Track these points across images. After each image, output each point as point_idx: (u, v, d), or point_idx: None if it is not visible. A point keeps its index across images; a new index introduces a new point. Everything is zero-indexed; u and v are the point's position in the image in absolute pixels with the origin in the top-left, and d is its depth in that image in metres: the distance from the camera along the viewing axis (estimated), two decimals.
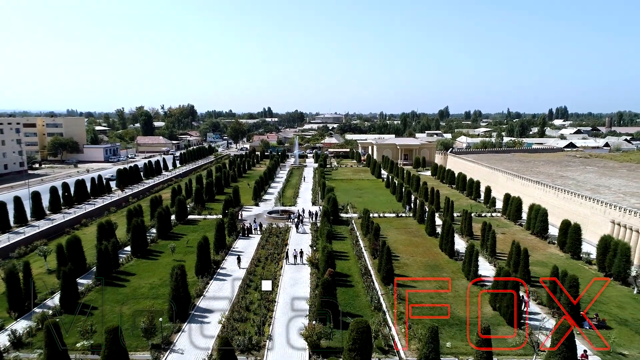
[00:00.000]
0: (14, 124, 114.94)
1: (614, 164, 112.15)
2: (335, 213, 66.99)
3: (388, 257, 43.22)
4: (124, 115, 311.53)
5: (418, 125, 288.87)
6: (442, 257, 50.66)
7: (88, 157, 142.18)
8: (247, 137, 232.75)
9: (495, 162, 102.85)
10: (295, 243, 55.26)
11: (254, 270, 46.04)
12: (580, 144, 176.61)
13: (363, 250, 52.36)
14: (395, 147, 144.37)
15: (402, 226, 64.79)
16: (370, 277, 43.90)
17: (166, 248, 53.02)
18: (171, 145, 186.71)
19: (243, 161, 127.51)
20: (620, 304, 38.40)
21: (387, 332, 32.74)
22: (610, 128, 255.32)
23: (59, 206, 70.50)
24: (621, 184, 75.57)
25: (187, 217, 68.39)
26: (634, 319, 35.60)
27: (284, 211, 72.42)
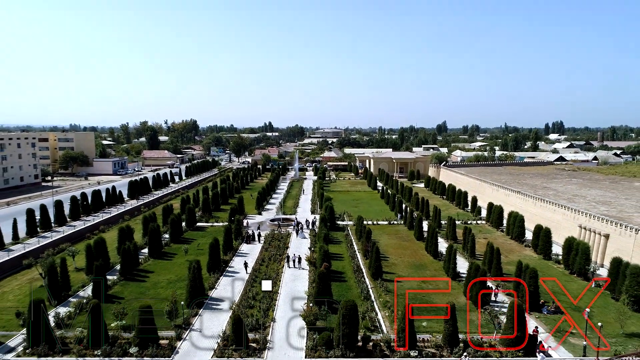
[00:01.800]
0: (30, 139, 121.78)
1: (599, 176, 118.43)
2: (332, 220, 72.92)
3: (377, 256, 49.23)
4: (128, 129, 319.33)
5: (415, 140, 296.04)
6: (427, 258, 56.51)
7: (97, 170, 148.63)
8: (249, 151, 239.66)
9: (486, 175, 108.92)
10: (295, 247, 60.98)
11: (259, 268, 51.90)
12: (570, 157, 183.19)
13: (356, 252, 58.28)
14: (392, 160, 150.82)
15: (393, 232, 70.73)
16: (362, 273, 49.78)
17: (179, 250, 59.00)
18: (176, 159, 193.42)
19: (246, 174, 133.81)
20: (577, 295, 44.08)
21: (373, 315, 38.52)
22: (602, 142, 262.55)
23: (78, 214, 76.48)
24: (598, 194, 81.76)
25: (196, 224, 74.37)
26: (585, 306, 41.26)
27: (284, 219, 78.37)
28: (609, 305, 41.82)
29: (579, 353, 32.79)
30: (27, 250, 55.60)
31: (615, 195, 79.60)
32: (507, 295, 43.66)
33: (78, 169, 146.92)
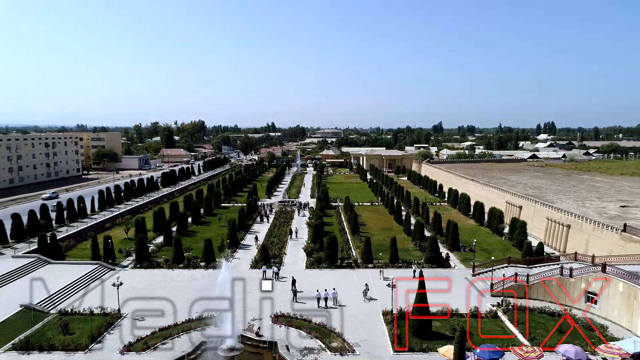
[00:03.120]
0: (73, 138, 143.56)
1: (560, 171, 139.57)
2: (327, 201, 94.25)
3: (356, 221, 70.85)
4: (141, 130, 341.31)
5: (409, 140, 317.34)
6: (395, 224, 77.81)
7: (124, 165, 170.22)
8: (255, 150, 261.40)
9: (461, 170, 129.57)
10: (297, 222, 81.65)
11: (275, 225, 73.61)
12: (543, 155, 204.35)
13: (343, 221, 79.78)
14: (381, 157, 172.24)
15: (373, 210, 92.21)
16: (345, 231, 71.35)
17: (212, 220, 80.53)
18: (190, 156, 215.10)
19: (254, 169, 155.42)
20: (490, 244, 65.13)
21: (350, 252, 59.95)
22: (581, 142, 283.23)
23: (129, 196, 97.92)
24: (539, 183, 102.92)
25: (221, 204, 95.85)
26: (492, 249, 62.30)
27: (289, 201, 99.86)
28: (511, 248, 62.57)
29: (469, 266, 53.74)
30: (106, 218, 77.36)
31: (551, 183, 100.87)
32: (442, 243, 64.93)
33: (108, 164, 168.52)
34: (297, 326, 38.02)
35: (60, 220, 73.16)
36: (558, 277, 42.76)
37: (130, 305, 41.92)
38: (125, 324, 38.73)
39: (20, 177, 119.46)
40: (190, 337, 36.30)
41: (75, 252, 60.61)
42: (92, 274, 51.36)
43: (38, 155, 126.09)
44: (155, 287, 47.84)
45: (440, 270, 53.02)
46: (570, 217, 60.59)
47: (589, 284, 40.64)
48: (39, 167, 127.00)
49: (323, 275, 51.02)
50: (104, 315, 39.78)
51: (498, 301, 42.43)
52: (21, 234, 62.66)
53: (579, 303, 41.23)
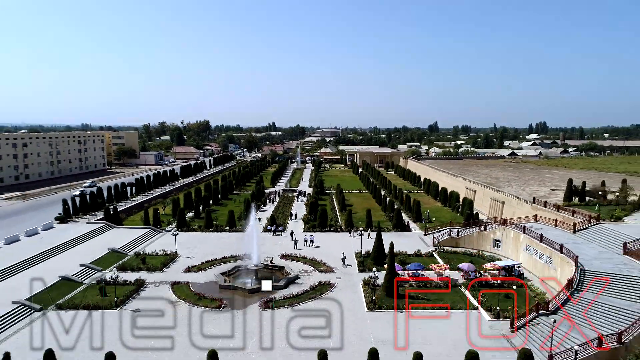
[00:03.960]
0: (100, 137, 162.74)
1: (531, 166, 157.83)
2: (322, 188, 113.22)
3: (343, 201, 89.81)
4: (149, 129, 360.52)
5: (403, 139, 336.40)
6: (375, 205, 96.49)
7: (142, 161, 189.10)
8: (258, 148, 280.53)
9: (445, 165, 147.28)
10: (296, 206, 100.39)
11: (279, 206, 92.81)
12: (522, 152, 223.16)
13: (334, 202, 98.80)
14: (373, 154, 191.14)
15: (361, 195, 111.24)
16: (335, 210, 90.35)
17: (229, 202, 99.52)
18: (199, 153, 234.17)
19: (259, 164, 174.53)
20: (447, 217, 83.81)
21: (337, 221, 78.89)
22: (563, 141, 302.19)
23: (157, 184, 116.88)
24: (503, 174, 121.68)
25: (233, 191, 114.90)
26: (446, 219, 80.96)
27: (291, 189, 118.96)
28: (459, 218, 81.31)
29: (423, 230, 72.44)
30: (143, 200, 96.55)
31: (512, 175, 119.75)
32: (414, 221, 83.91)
33: (127, 160, 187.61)
34: (297, 260, 57.05)
35: (110, 200, 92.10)
36: (477, 232, 61.78)
37: (181, 250, 60.90)
38: (182, 259, 57.75)
39: (59, 169, 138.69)
40: (227, 265, 55.31)
41: (127, 222, 79.61)
42: (146, 235, 70.30)
43: (73, 151, 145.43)
44: (194, 242, 66.75)
45: (403, 232, 72.03)
46: (505, 196, 79.65)
47: (495, 234, 59.65)
48: (74, 161, 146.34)
49: (315, 235, 69.97)
50: (165, 255, 58.70)
51: (435, 247, 61.44)
52: (86, 209, 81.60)
53: (489, 247, 60.23)
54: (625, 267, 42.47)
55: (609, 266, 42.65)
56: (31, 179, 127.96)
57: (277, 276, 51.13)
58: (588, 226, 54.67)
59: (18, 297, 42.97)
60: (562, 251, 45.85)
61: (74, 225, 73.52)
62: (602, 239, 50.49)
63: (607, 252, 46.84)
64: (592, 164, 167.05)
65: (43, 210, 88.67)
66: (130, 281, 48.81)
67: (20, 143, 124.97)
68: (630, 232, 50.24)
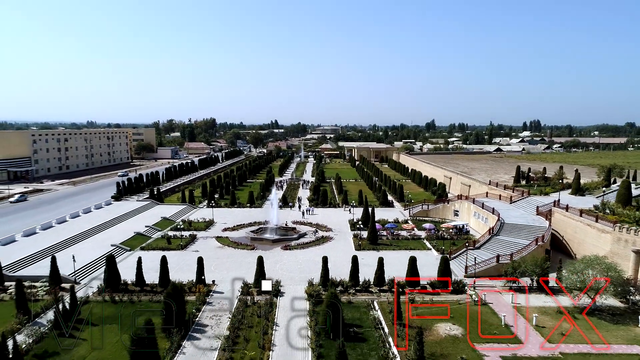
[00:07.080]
0: (124, 133, 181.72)
1: (511, 160, 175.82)
2: (323, 177, 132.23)
3: (341, 186, 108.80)
4: (159, 126, 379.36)
5: (399, 136, 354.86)
6: (367, 190, 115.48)
7: (159, 155, 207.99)
8: (263, 144, 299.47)
9: (433, 159, 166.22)
10: (302, 192, 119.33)
11: (287, 191, 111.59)
12: (507, 148, 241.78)
13: (333, 187, 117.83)
14: (370, 149, 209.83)
15: (356, 183, 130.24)
16: (334, 192, 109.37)
17: (244, 187, 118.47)
18: (209, 149, 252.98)
19: (267, 158, 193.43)
20: (425, 198, 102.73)
21: (336, 201, 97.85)
22: (550, 138, 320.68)
23: (181, 174, 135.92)
24: (480, 166, 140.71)
25: (246, 180, 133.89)
26: (426, 200, 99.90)
27: (296, 178, 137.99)
28: (433, 198, 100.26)
29: (403, 206, 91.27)
30: (174, 185, 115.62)
31: (487, 167, 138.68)
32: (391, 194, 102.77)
33: (146, 154, 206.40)
34: (304, 225, 76.07)
35: (148, 185, 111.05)
36: (442, 205, 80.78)
37: (216, 219, 79.83)
38: (218, 224, 76.72)
39: (92, 162, 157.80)
40: (253, 227, 74.32)
41: (167, 201, 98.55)
42: (184, 210, 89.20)
43: (103, 145, 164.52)
44: (224, 214, 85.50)
45: (387, 208, 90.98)
46: (471, 180, 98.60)
47: (455, 206, 78.65)
48: (104, 154, 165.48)
49: (317, 210, 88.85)
50: (205, 222, 77.58)
51: (411, 217, 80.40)
52: (132, 191, 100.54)
53: (450, 216, 79.19)
54: (532, 221, 61.41)
55: (521, 221, 61.62)
56: (71, 169, 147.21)
57: (290, 233, 70.15)
58: (521, 199, 73.65)
59: (114, 242, 62.03)
60: (493, 212, 64.82)
61: (127, 202, 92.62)
62: (527, 207, 69.41)
63: (526, 214, 65.75)
64: (566, 158, 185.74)
65: (93, 193, 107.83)
66: (185, 236, 67.77)
67: (62, 138, 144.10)
68: (547, 201, 69.06)
